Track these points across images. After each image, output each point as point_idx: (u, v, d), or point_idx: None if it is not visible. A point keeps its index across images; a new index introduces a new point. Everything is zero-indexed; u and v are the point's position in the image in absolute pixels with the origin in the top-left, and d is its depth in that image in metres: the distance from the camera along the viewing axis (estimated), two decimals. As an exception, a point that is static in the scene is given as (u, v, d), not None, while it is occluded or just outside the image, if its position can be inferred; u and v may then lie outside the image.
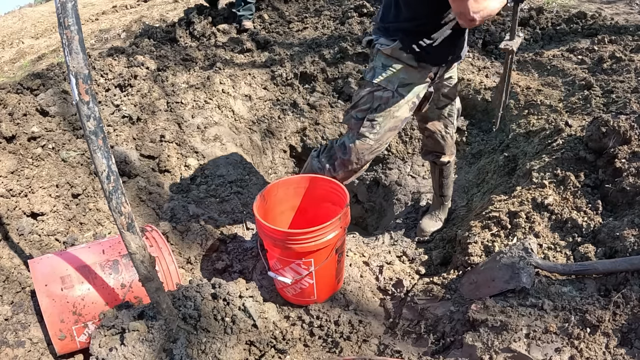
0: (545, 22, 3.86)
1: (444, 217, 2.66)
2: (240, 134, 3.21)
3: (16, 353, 1.67)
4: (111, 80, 3.14)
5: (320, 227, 1.77)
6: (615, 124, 2.09)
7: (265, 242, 1.90)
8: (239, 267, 2.21)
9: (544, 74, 3.28)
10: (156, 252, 1.83)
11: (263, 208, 2.00)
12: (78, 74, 1.18)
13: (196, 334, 1.57)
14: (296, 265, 1.88)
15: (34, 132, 2.53)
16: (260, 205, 1.96)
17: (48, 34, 6.16)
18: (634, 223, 1.78)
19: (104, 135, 1.25)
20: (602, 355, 1.47)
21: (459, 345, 1.66)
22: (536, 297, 1.68)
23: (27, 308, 1.81)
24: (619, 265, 1.64)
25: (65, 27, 1.14)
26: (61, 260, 1.75)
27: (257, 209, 1.89)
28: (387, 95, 1.94)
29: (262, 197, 1.99)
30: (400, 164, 3.28)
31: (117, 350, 1.47)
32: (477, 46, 3.69)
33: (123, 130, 2.83)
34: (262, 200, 1.99)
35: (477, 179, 2.92)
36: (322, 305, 2.03)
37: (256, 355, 1.70)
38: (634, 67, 2.93)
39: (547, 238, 1.95)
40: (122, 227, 1.35)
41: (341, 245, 1.95)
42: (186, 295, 1.65)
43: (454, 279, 2.01)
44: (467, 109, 3.34)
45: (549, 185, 2.14)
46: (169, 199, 2.44)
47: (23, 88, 2.84)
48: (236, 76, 3.45)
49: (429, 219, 2.64)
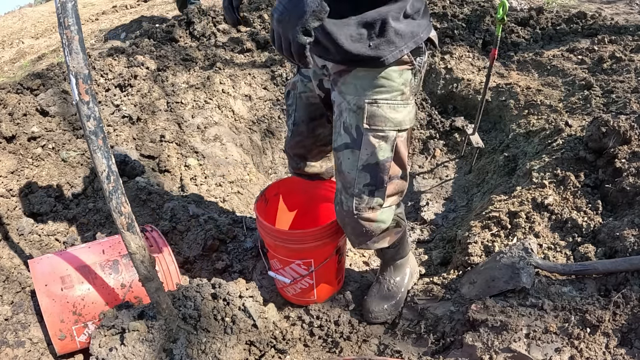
0: (545, 22, 3.86)
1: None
2: (240, 134, 3.21)
3: (16, 353, 1.67)
4: (111, 80, 3.14)
5: (320, 228, 1.77)
6: (615, 124, 2.10)
7: (266, 241, 1.90)
8: (239, 267, 2.21)
9: (544, 74, 3.28)
10: (156, 252, 1.83)
11: (264, 208, 2.00)
12: (78, 74, 1.18)
13: (196, 334, 1.57)
14: (296, 265, 1.88)
15: (34, 132, 2.53)
16: (261, 204, 1.96)
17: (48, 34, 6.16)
18: (634, 223, 1.78)
19: (104, 135, 1.25)
20: (602, 355, 1.47)
21: (459, 345, 1.66)
22: (536, 297, 1.68)
23: (27, 308, 1.81)
24: (619, 265, 1.64)
25: (65, 27, 1.14)
26: (61, 260, 1.75)
27: (258, 209, 1.89)
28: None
29: (263, 197, 1.99)
30: (400, 164, 3.29)
31: (117, 350, 1.47)
32: (477, 46, 3.70)
33: (123, 130, 2.83)
34: (263, 199, 1.99)
35: (477, 179, 2.92)
36: (322, 305, 2.03)
37: (256, 355, 1.70)
38: (634, 67, 2.93)
39: (547, 238, 1.95)
40: (122, 227, 1.35)
41: (342, 245, 1.95)
42: (186, 295, 1.65)
43: (454, 279, 2.01)
44: (467, 108, 3.35)
45: (549, 185, 2.14)
46: (169, 199, 2.44)
47: (23, 88, 2.84)
48: (236, 76, 3.45)
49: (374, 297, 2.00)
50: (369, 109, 1.43)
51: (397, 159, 1.51)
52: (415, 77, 1.45)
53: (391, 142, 1.46)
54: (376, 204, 1.55)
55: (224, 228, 2.30)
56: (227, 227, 2.32)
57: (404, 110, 1.45)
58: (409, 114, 1.47)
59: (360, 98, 1.43)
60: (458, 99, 3.37)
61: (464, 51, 3.59)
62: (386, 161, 1.48)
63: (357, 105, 1.44)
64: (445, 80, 3.42)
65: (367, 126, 1.45)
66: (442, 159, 3.23)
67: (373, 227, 1.60)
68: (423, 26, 1.39)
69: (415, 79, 1.45)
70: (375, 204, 1.55)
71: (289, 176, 2.12)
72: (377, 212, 1.57)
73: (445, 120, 3.36)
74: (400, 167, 1.54)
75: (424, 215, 2.81)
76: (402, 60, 1.39)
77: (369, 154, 1.47)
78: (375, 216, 1.58)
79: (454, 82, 3.38)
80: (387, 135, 1.45)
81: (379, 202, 1.55)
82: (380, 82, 1.41)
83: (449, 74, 3.42)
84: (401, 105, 1.44)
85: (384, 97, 1.42)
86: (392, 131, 1.45)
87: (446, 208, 2.87)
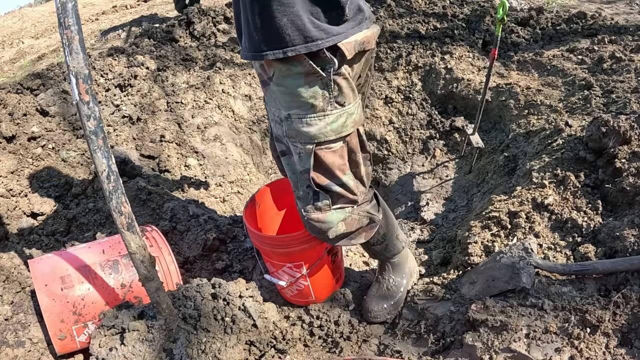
0: (545, 22, 3.86)
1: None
2: (240, 134, 3.21)
3: (16, 353, 1.67)
4: (111, 80, 3.14)
5: (304, 231, 1.73)
6: (615, 124, 2.10)
7: (257, 246, 1.90)
8: (239, 267, 2.21)
9: (544, 74, 3.28)
10: (156, 252, 1.83)
11: (255, 212, 2.00)
12: (78, 74, 1.18)
13: (196, 334, 1.57)
14: (288, 268, 1.87)
15: (34, 132, 2.53)
16: (250, 209, 1.95)
17: (48, 34, 6.17)
18: (634, 223, 1.78)
19: (104, 135, 1.25)
20: (602, 355, 1.47)
21: (459, 345, 1.66)
22: (536, 297, 1.68)
23: (27, 308, 1.81)
24: (619, 265, 1.64)
25: (65, 27, 1.14)
26: (61, 260, 1.75)
27: (247, 214, 1.89)
28: None
29: (253, 201, 1.98)
30: (400, 164, 3.29)
31: (117, 350, 1.47)
32: (477, 46, 3.69)
33: (123, 130, 2.83)
34: (253, 204, 1.98)
35: (477, 179, 2.92)
36: (322, 305, 2.02)
37: (256, 355, 1.70)
38: (634, 67, 2.93)
39: (547, 238, 1.95)
40: (122, 227, 1.35)
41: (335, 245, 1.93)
42: (186, 295, 1.65)
43: (454, 279, 2.01)
44: (467, 108, 3.35)
45: (549, 185, 2.14)
46: (169, 199, 2.44)
47: (23, 88, 2.84)
48: (236, 76, 3.45)
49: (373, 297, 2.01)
50: (285, 122, 1.43)
51: (321, 169, 1.47)
52: (328, 87, 1.36)
53: (308, 155, 1.43)
54: (323, 204, 1.54)
55: (224, 228, 2.31)
56: (227, 227, 2.32)
57: (319, 123, 1.39)
58: (329, 125, 1.40)
59: (280, 111, 1.44)
60: (458, 99, 3.37)
61: (464, 51, 3.59)
62: (306, 171, 1.47)
63: (279, 117, 1.46)
64: (445, 80, 3.42)
65: (287, 138, 1.47)
66: (442, 159, 3.24)
67: (324, 227, 1.59)
68: (329, 32, 1.30)
69: (329, 89, 1.36)
70: (322, 205, 1.54)
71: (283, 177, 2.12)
72: (326, 213, 1.56)
73: (445, 120, 3.36)
74: (329, 176, 1.50)
75: (424, 215, 2.81)
76: (305, 72, 1.33)
77: (297, 161, 1.49)
78: (323, 217, 1.56)
79: (454, 82, 3.38)
80: (304, 148, 1.43)
81: (325, 203, 1.54)
82: (289, 97, 1.38)
83: (449, 74, 3.42)
84: (314, 118, 1.39)
85: (295, 112, 1.40)
86: (309, 145, 1.42)
87: (446, 208, 2.87)
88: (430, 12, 4.12)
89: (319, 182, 1.50)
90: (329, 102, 1.39)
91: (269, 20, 1.27)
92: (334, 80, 1.36)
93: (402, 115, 3.44)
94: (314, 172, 1.47)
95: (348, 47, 1.35)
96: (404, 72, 3.55)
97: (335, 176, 1.51)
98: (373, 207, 1.71)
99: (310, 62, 1.32)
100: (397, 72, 3.55)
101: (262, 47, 1.32)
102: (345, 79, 1.39)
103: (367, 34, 1.42)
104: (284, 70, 1.36)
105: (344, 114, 1.42)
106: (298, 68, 1.33)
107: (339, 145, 1.46)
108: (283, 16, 1.26)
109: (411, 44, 3.68)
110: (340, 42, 1.33)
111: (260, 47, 1.33)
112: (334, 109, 1.40)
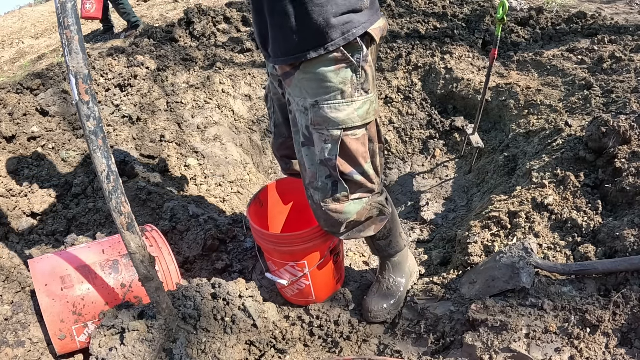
0: (545, 22, 3.86)
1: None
2: (240, 134, 3.21)
3: (16, 353, 1.67)
4: (111, 80, 3.14)
5: (309, 230, 1.75)
6: (615, 124, 2.10)
7: (260, 244, 1.90)
8: (239, 267, 2.21)
9: (544, 74, 3.28)
10: (156, 252, 1.83)
11: (258, 210, 2.00)
12: (78, 74, 1.18)
13: (196, 334, 1.57)
14: (290, 267, 1.87)
15: (34, 132, 2.53)
16: (254, 207, 1.95)
17: (48, 34, 6.17)
18: (634, 223, 1.78)
19: (104, 135, 1.25)
20: (602, 355, 1.47)
21: (459, 345, 1.66)
22: (536, 297, 1.68)
23: (27, 308, 1.81)
24: (619, 265, 1.64)
25: (65, 27, 1.14)
26: (61, 260, 1.75)
27: (251, 212, 1.89)
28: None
29: (257, 200, 1.98)
30: (400, 164, 3.29)
31: (117, 350, 1.47)
32: (477, 46, 3.70)
33: (123, 130, 2.83)
34: (257, 202, 1.99)
35: (477, 179, 2.92)
36: (322, 305, 2.02)
37: (256, 355, 1.70)
38: (634, 67, 2.93)
39: (547, 238, 1.95)
40: (122, 227, 1.35)
41: (337, 245, 1.94)
42: (186, 295, 1.65)
43: (454, 279, 2.01)
44: (467, 108, 3.35)
45: (549, 185, 2.14)
46: (169, 199, 2.44)
47: (23, 88, 2.84)
48: (236, 76, 3.45)
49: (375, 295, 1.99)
50: (311, 110, 1.46)
51: (346, 157, 1.52)
52: (357, 74, 1.43)
53: (335, 141, 1.47)
54: (342, 195, 1.57)
55: (224, 228, 2.30)
56: (227, 227, 2.32)
57: (347, 109, 1.45)
58: (357, 111, 1.46)
59: (305, 100, 1.47)
60: (458, 99, 3.38)
61: (464, 51, 3.59)
62: (329, 160, 1.51)
63: (304, 106, 1.48)
64: (445, 80, 3.42)
65: (312, 126, 1.49)
66: (442, 159, 3.24)
67: (341, 218, 1.62)
68: (359, 20, 1.38)
69: (357, 75, 1.43)
70: (340, 196, 1.57)
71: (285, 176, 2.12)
72: (344, 204, 1.59)
73: (445, 120, 3.36)
74: (353, 164, 1.54)
75: (424, 215, 2.81)
76: (335, 58, 1.39)
77: (320, 150, 1.51)
78: (342, 208, 1.60)
79: (454, 82, 3.38)
80: (331, 135, 1.47)
81: (343, 194, 1.57)
82: (317, 83, 1.43)
83: (449, 74, 3.42)
84: (343, 104, 1.44)
85: (324, 99, 1.43)
86: (336, 130, 1.46)
87: (446, 208, 2.87)
88: (430, 12, 4.12)
89: (343, 170, 1.53)
90: (357, 88, 1.45)
91: (307, 21, 1.34)
92: (362, 67, 1.43)
93: (402, 115, 3.44)
94: (340, 159, 1.50)
95: (376, 32, 1.43)
96: (404, 72, 3.55)
97: (359, 164, 1.55)
98: (385, 200, 1.75)
99: (343, 51, 1.38)
100: (397, 72, 3.55)
101: (302, 48, 1.38)
102: (370, 66, 1.46)
103: (383, 21, 1.48)
104: (315, 60, 1.40)
105: (368, 102, 1.48)
106: (329, 56, 1.39)
107: (362, 133, 1.51)
108: (319, 16, 1.32)
109: (411, 44, 3.68)
110: (369, 29, 1.40)
111: (300, 49, 1.38)
112: (360, 96, 1.46)
